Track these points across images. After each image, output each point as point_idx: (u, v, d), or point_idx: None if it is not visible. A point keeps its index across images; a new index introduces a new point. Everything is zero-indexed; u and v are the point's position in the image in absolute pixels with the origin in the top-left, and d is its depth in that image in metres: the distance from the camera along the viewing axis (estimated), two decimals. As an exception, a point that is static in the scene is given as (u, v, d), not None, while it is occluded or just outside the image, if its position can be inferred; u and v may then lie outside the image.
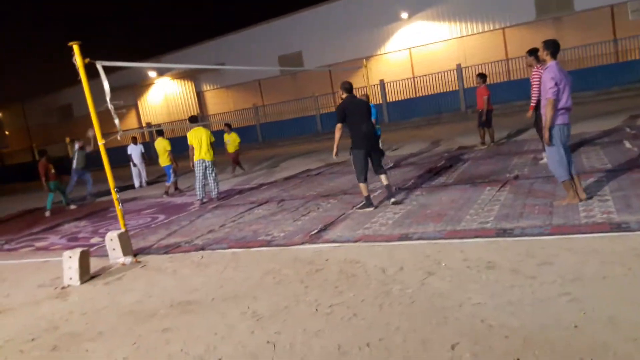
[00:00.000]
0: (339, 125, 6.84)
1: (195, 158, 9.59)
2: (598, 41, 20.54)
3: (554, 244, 4.27)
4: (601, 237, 4.26)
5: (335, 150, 6.98)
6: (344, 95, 6.93)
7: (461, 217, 5.60)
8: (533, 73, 8.00)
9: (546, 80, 5.28)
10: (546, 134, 5.36)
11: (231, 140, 14.36)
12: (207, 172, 9.72)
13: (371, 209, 6.68)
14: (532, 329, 2.94)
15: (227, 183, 12.63)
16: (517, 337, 2.87)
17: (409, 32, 25.63)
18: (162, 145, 12.27)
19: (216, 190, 9.87)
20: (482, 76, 11.48)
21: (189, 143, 9.68)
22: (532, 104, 8.13)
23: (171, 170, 12.08)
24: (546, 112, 5.31)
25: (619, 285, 3.34)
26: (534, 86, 7.95)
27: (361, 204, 6.88)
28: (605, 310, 3.02)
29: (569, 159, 5.43)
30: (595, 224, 4.60)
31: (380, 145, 10.64)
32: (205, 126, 10.30)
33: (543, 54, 5.42)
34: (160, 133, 12.86)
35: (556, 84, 5.19)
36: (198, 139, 9.57)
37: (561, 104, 5.26)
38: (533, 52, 8.00)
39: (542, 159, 8.21)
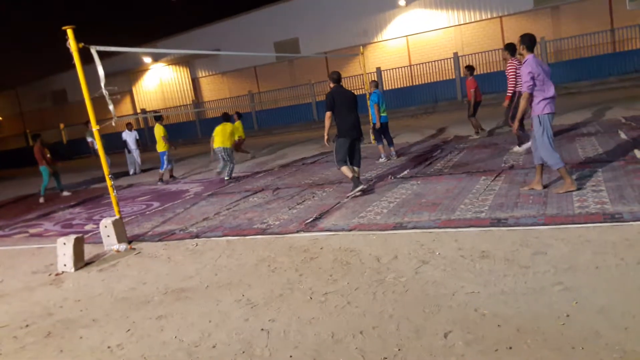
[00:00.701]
0: (328, 114, 7.01)
1: (216, 145, 10.49)
2: (595, 31, 20.49)
3: (548, 234, 4.29)
4: (594, 228, 4.28)
5: (325, 137, 7.24)
6: (332, 85, 7.11)
7: (456, 206, 5.61)
8: (508, 65, 8.58)
9: (524, 74, 5.46)
10: (516, 125, 5.82)
11: (239, 129, 14.31)
12: (227, 156, 10.73)
13: (361, 186, 6.84)
14: (524, 317, 2.96)
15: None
16: (509, 326, 2.89)
17: (406, 19, 25.50)
18: (157, 132, 12.22)
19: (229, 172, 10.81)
20: (469, 68, 11.57)
21: (213, 134, 10.71)
22: (508, 94, 8.48)
23: (165, 157, 12.02)
24: (520, 105, 5.61)
25: (611, 275, 3.36)
26: (510, 78, 8.38)
27: (351, 189, 6.89)
28: (598, 299, 3.05)
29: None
30: (588, 214, 4.62)
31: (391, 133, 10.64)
32: (201, 113, 10.90)
33: (519, 48, 5.62)
34: (158, 119, 12.80)
35: (532, 78, 5.38)
36: (223, 131, 10.65)
37: (545, 95, 5.42)
38: (508, 46, 8.58)
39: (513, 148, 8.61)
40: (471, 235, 4.58)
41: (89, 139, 13.61)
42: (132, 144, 15.04)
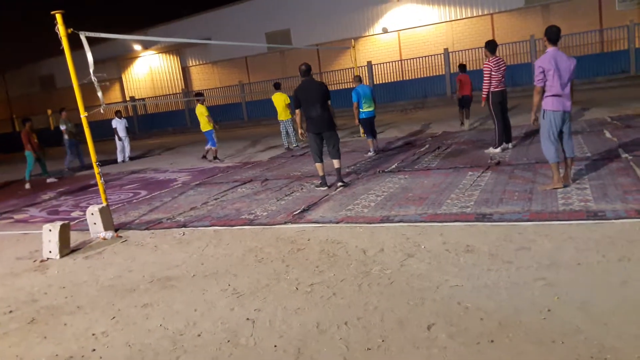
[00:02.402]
0: (297, 112, 7.20)
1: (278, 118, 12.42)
2: (584, 30, 20.65)
3: (532, 230, 4.35)
4: (578, 225, 4.35)
5: (300, 131, 7.39)
6: (301, 79, 7.10)
7: (442, 201, 5.66)
8: (484, 65, 8.33)
9: (535, 67, 5.48)
10: (532, 116, 5.65)
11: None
12: (285, 129, 12.55)
13: (324, 188, 7.07)
14: (507, 312, 3.01)
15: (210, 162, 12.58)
16: (492, 320, 2.93)
17: (398, 14, 25.50)
18: (200, 111, 12.22)
19: (293, 141, 12.62)
20: (463, 67, 12.87)
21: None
22: (483, 95, 8.38)
23: (213, 135, 12.03)
24: (533, 99, 5.56)
25: (592, 271, 3.42)
26: (485, 78, 8.25)
27: (319, 183, 7.26)
28: (579, 295, 3.10)
29: (566, 144, 5.58)
30: (572, 212, 4.69)
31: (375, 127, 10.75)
32: (191, 102, 11.30)
33: (543, 39, 5.55)
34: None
35: (542, 73, 5.37)
36: (276, 103, 12.35)
37: (551, 91, 5.40)
38: (488, 44, 8.49)
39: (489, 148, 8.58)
40: (456, 230, 4.63)
41: (62, 127, 13.41)
42: (121, 132, 14.95)
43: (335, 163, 7.12)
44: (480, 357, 2.58)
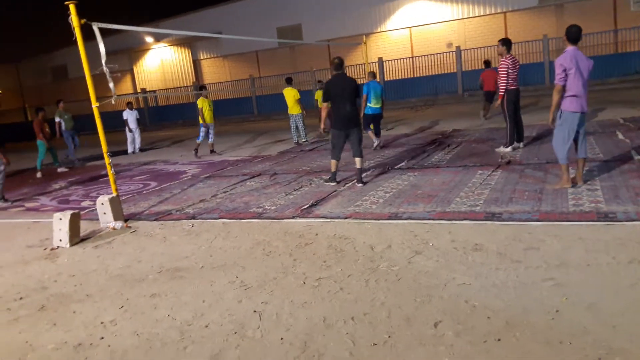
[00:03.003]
0: (323, 105, 6.99)
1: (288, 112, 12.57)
2: (598, 31, 20.45)
3: (541, 230, 4.33)
4: (588, 226, 4.32)
5: (322, 126, 7.24)
6: (333, 73, 6.95)
7: (451, 199, 5.64)
8: (500, 63, 8.21)
9: (556, 65, 5.40)
10: (550, 117, 5.55)
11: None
12: (295, 123, 12.63)
13: (333, 184, 7.05)
14: (514, 311, 3.00)
15: (223, 153, 12.63)
16: (499, 319, 2.93)
17: (410, 10, 25.37)
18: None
19: (303, 135, 12.70)
20: (488, 63, 14.07)
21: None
22: (500, 92, 8.28)
23: (202, 130, 12.31)
24: (553, 98, 5.47)
25: (602, 273, 3.40)
26: (501, 76, 8.14)
27: (328, 177, 7.27)
28: (587, 296, 3.08)
29: (580, 144, 5.53)
30: (582, 213, 4.66)
31: (381, 126, 10.84)
32: (206, 96, 11.53)
33: (563, 39, 5.49)
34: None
35: (564, 71, 5.29)
36: (287, 98, 12.43)
37: (571, 91, 5.34)
38: (504, 41, 8.37)
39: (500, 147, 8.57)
40: (465, 228, 4.61)
41: (57, 119, 13.39)
42: (132, 123, 15.02)
43: (358, 162, 6.92)
44: (486, 355, 2.58)
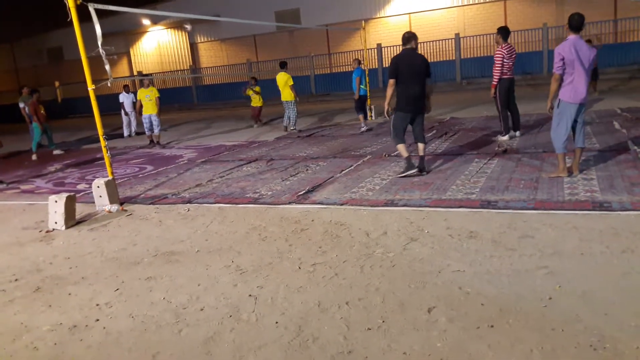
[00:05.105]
0: (390, 82, 6.20)
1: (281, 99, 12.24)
2: (598, 20, 20.37)
3: (536, 219, 4.35)
4: (583, 215, 4.34)
5: (386, 107, 6.36)
6: (402, 48, 6.26)
7: (447, 186, 5.65)
8: (496, 52, 8.22)
9: (555, 54, 5.39)
10: (548, 104, 5.57)
11: (256, 94, 14.06)
12: (288, 110, 12.32)
13: (414, 171, 6.17)
14: (508, 298, 3.02)
15: (218, 138, 12.60)
16: (492, 305, 2.95)
17: (410, -4, 25.19)
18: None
19: (293, 124, 12.28)
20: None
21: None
22: (493, 82, 8.26)
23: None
24: (551, 86, 5.47)
25: (595, 262, 3.43)
26: (495, 65, 8.14)
27: (403, 170, 6.30)
28: (580, 285, 3.11)
29: (578, 134, 5.52)
30: (578, 202, 4.68)
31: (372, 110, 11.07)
32: (198, 79, 11.23)
33: (565, 27, 5.45)
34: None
35: (562, 60, 5.27)
36: (279, 83, 12.21)
37: (567, 81, 5.33)
38: (501, 30, 8.37)
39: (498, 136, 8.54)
40: (461, 216, 4.63)
41: (21, 105, 13.16)
42: (128, 107, 14.92)
43: (421, 148, 6.36)
44: (479, 341, 2.60)
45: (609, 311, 2.78)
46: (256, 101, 14.49)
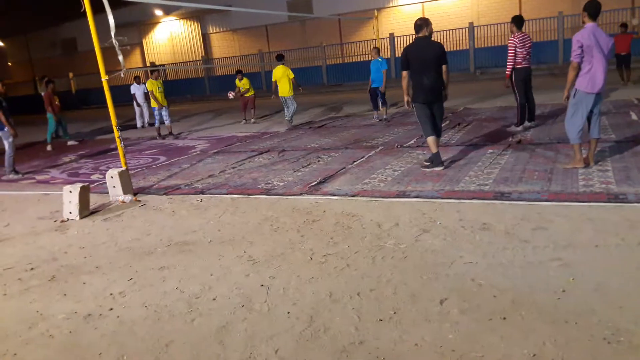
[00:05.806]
0: (403, 74, 6.06)
1: (279, 94, 11.63)
2: (616, 8, 20.00)
3: (550, 210, 4.31)
4: (597, 207, 4.29)
5: (405, 98, 6.18)
6: (415, 36, 6.02)
7: (460, 178, 5.62)
8: (509, 41, 8.12)
9: (573, 41, 5.27)
10: (565, 93, 5.46)
11: (243, 87, 13.99)
12: (286, 103, 11.76)
13: (440, 168, 6.02)
14: (521, 290, 3.00)
15: (230, 129, 12.62)
16: (505, 298, 2.93)
17: (423, -15, 24.92)
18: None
19: (290, 115, 11.77)
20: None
21: (272, 79, 11.75)
22: (507, 72, 8.18)
23: (156, 112, 11.96)
24: (568, 74, 5.36)
25: (610, 254, 3.39)
26: (509, 54, 8.07)
27: (428, 163, 6.18)
28: (595, 277, 3.08)
29: (594, 124, 5.45)
30: (593, 193, 4.62)
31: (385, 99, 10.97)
32: (210, 69, 11.10)
33: (582, 14, 5.33)
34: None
35: (580, 47, 5.17)
36: (276, 77, 11.63)
37: (585, 69, 5.22)
38: (515, 19, 8.25)
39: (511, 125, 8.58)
40: (473, 207, 4.60)
41: (43, 94, 13.11)
42: (140, 98, 14.98)
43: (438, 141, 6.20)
44: (491, 333, 2.59)
45: (624, 304, 2.75)
46: (249, 92, 14.00)
